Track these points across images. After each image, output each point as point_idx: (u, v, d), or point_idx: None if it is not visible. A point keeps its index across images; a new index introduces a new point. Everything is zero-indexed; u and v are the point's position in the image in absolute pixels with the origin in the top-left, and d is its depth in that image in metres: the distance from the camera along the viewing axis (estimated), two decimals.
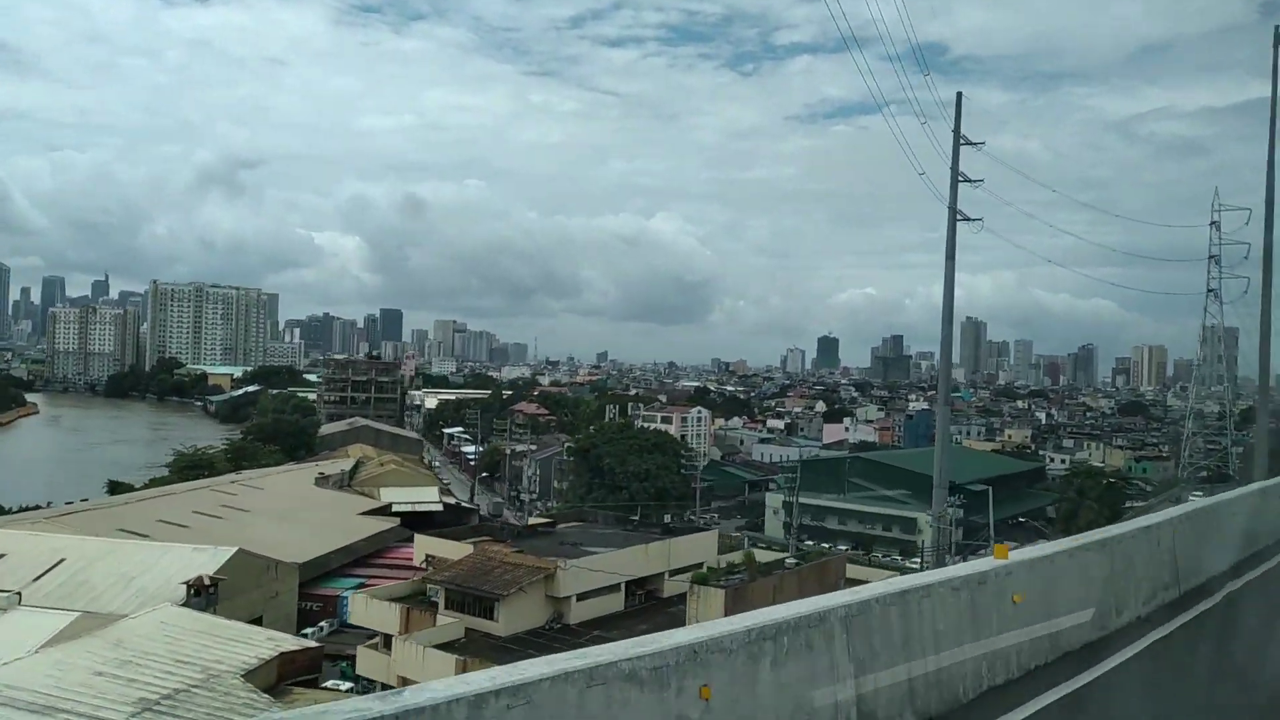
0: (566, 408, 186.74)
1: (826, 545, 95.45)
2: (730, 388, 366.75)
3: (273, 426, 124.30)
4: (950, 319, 42.96)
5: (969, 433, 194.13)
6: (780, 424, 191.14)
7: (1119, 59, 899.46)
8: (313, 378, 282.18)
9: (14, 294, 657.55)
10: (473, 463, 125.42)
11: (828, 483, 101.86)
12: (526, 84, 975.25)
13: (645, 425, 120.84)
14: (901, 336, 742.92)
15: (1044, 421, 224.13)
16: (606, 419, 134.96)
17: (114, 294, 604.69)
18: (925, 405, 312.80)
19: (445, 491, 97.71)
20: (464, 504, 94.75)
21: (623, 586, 42.77)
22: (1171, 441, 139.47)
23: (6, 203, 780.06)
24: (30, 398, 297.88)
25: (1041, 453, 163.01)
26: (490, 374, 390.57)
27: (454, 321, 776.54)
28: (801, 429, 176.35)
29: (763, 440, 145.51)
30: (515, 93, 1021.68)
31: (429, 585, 40.62)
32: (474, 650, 35.79)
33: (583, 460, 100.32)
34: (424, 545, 45.70)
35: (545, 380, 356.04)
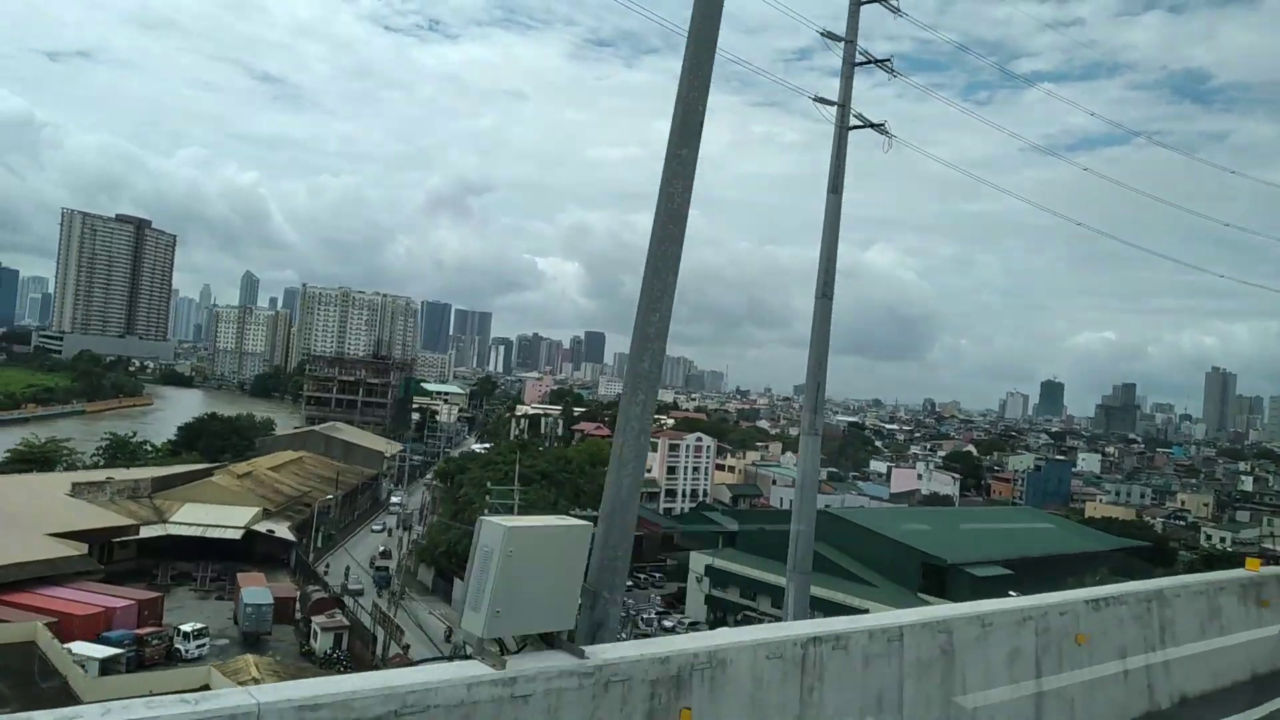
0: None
1: None
2: (892, 426, 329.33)
3: (200, 427, 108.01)
4: (828, 292, 23.15)
5: (1128, 494, 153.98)
6: (883, 467, 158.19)
7: None
8: (446, 388, 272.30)
9: (262, 302, 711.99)
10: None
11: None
12: (750, 115, 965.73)
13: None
14: (1134, 385, 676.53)
15: (1249, 488, 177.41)
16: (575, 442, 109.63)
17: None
18: (1121, 453, 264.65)
19: (272, 516, 76.25)
20: (272, 533, 72.84)
21: None
22: None
23: (267, 221, 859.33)
24: (186, 393, 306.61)
25: (1208, 527, 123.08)
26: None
27: None
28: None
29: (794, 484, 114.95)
30: (739, 124, 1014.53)
31: None
32: None
33: (448, 490, 76.41)
34: None
35: (691, 406, 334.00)
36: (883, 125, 24.97)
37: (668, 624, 69.13)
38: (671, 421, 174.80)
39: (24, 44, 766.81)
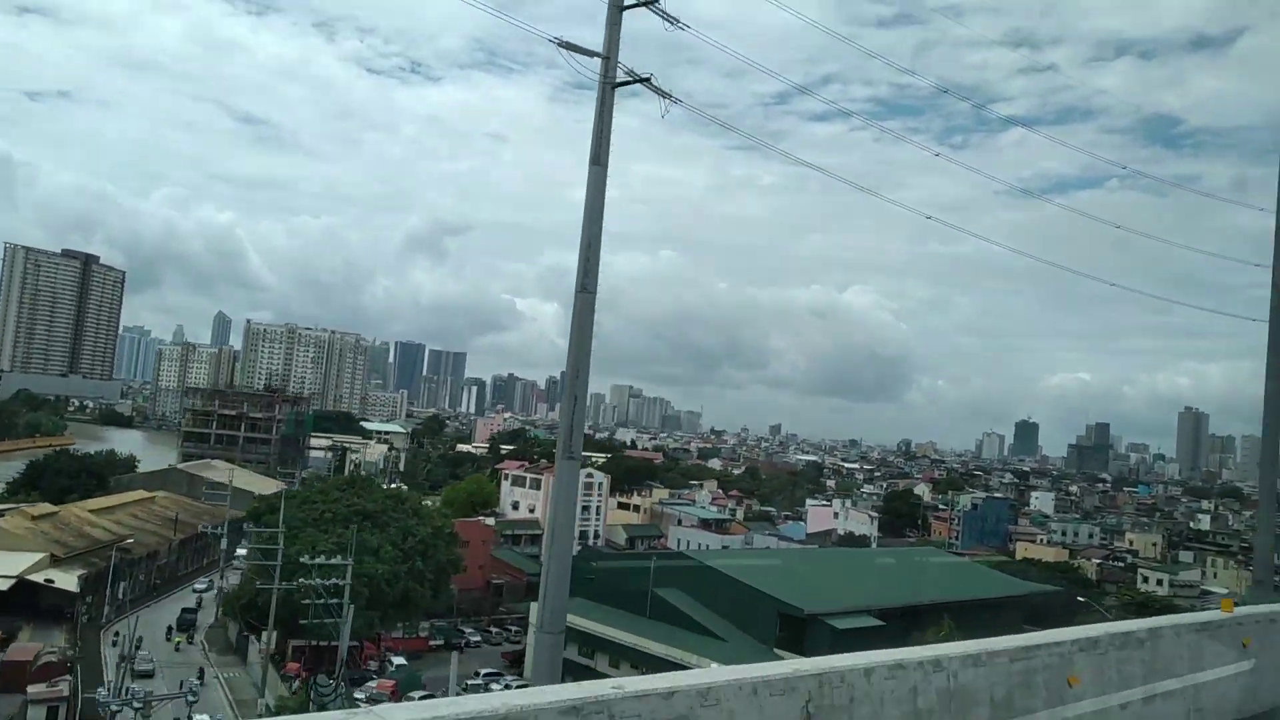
0: None
1: None
2: (853, 465, 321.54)
3: (45, 466, 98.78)
4: (589, 285, 19.67)
5: (1075, 534, 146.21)
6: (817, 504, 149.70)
7: None
8: (387, 426, 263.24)
9: (234, 343, 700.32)
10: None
11: (644, 597, 63.68)
12: (729, 158, 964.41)
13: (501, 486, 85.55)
14: (1108, 425, 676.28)
15: (1206, 526, 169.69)
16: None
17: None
18: (1084, 492, 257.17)
19: (61, 563, 67.07)
20: (51, 583, 63.67)
21: None
22: None
23: (244, 262, 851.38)
24: (122, 433, 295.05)
25: (1147, 568, 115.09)
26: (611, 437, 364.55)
27: (630, 387, 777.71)
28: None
29: (705, 521, 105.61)
30: (718, 166, 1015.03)
31: None
32: None
33: (257, 535, 67.48)
34: None
35: (652, 445, 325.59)
36: (649, 78, 21.05)
37: (495, 688, 60.19)
38: (599, 460, 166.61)
39: (3, 83, 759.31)
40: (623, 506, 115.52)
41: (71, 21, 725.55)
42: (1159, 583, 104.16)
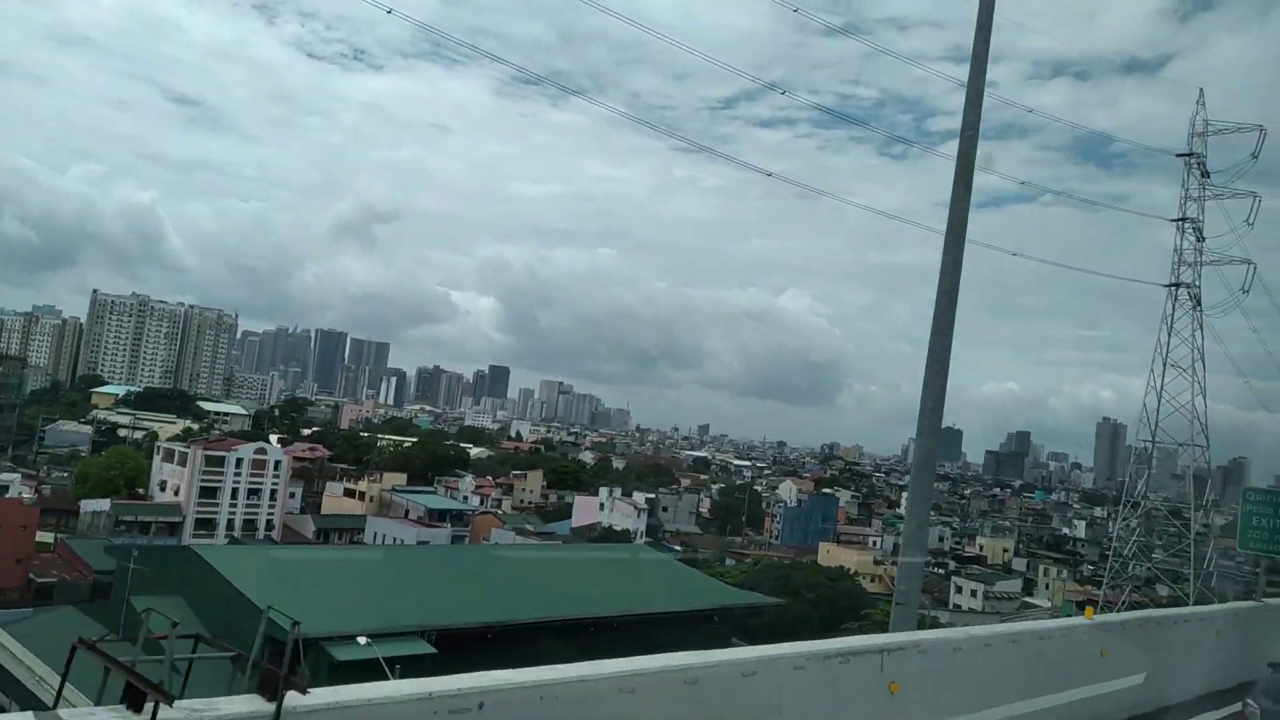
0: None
1: None
2: (744, 463, 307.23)
3: None
4: None
5: (947, 537, 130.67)
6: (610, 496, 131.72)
7: None
8: (223, 406, 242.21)
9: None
10: None
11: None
12: (673, 159, 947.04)
13: None
14: (1029, 433, 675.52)
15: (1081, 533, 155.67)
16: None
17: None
18: (973, 496, 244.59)
19: None
20: None
21: None
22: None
23: (166, 244, 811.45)
24: None
25: (964, 577, 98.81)
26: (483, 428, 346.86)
27: (560, 383, 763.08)
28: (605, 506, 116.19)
29: (440, 512, 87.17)
30: (662, 167, 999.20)
31: None
32: None
33: None
34: None
35: (525, 434, 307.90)
36: None
37: None
38: (407, 443, 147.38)
39: None
40: (349, 494, 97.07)
41: None
42: (974, 593, 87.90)
